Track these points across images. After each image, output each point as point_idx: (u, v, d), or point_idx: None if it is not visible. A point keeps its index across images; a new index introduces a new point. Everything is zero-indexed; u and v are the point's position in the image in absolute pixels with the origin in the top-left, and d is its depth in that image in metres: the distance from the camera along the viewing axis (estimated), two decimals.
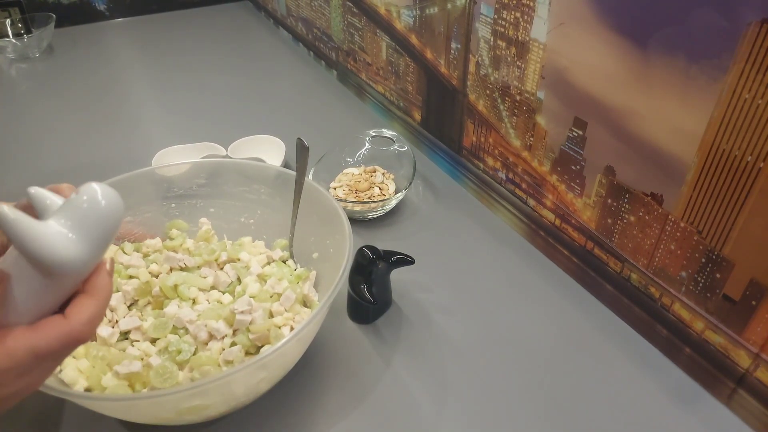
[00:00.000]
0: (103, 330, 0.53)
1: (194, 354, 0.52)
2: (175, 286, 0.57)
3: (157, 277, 0.59)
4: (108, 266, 0.36)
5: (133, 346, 0.54)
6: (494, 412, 0.55)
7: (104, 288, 0.34)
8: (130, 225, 0.64)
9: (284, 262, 0.65)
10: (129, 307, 0.58)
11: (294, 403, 0.56)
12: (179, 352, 0.52)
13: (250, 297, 0.56)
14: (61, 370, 0.49)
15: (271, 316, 0.56)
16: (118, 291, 0.57)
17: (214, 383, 0.43)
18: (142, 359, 0.52)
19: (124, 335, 0.55)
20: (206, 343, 0.54)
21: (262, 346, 0.54)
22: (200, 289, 0.59)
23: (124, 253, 0.61)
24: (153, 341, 0.54)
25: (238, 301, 0.54)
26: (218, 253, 0.62)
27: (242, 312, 0.53)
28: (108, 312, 0.56)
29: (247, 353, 0.54)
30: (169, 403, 0.45)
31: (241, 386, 0.49)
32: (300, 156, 0.64)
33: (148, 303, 0.58)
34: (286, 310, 0.56)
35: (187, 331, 0.54)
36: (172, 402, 0.45)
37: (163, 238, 0.64)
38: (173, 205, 0.67)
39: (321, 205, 0.62)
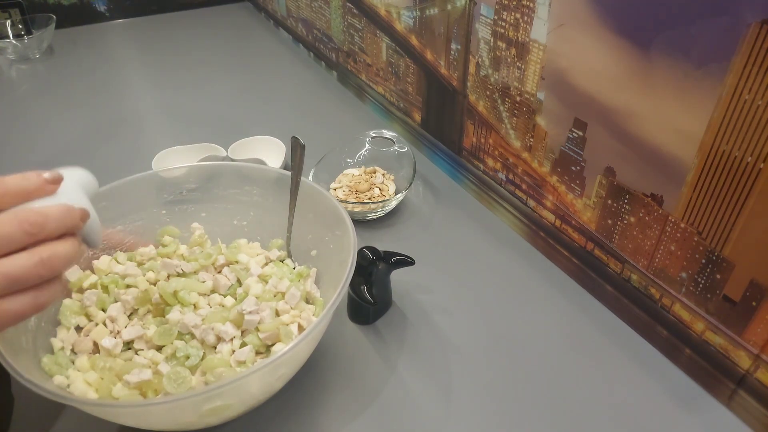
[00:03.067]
0: (107, 341, 0.53)
1: (203, 358, 0.52)
2: (175, 293, 0.57)
3: (155, 284, 0.59)
4: None
5: (138, 354, 0.54)
6: (495, 412, 0.55)
7: None
8: (122, 234, 0.63)
9: (282, 262, 0.65)
10: (129, 317, 0.58)
11: (297, 406, 0.56)
12: (188, 357, 0.52)
13: (255, 297, 0.56)
14: (69, 385, 0.49)
15: (278, 314, 0.56)
16: (116, 301, 0.57)
17: (240, 381, 0.43)
18: (150, 367, 0.51)
19: (128, 345, 0.55)
20: (214, 347, 0.54)
21: (271, 345, 0.54)
22: (200, 294, 0.59)
23: (118, 262, 0.61)
24: (158, 349, 0.54)
25: (244, 302, 0.54)
26: (215, 257, 0.62)
27: (250, 312, 0.53)
28: (109, 323, 0.56)
29: (257, 353, 0.54)
30: (194, 405, 0.45)
31: (263, 384, 0.49)
32: (295, 154, 0.64)
33: (148, 311, 0.58)
34: (292, 308, 0.57)
35: (192, 336, 0.54)
36: (197, 403, 0.45)
37: (155, 245, 0.64)
38: (164, 211, 0.67)
39: (321, 206, 0.62)
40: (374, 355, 0.61)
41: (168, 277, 0.60)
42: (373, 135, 0.88)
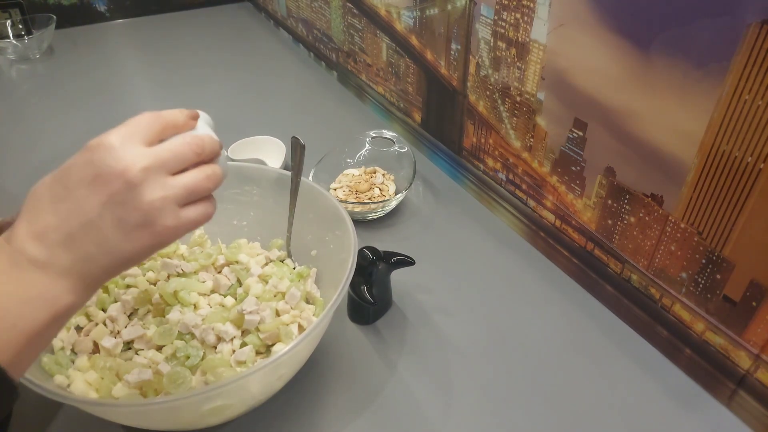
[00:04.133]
0: (107, 341, 0.53)
1: (203, 358, 0.52)
2: (175, 293, 0.57)
3: (155, 284, 0.59)
4: None
5: (138, 354, 0.54)
6: (495, 412, 0.55)
7: None
8: None
9: (282, 262, 0.65)
10: (129, 317, 0.58)
11: (297, 406, 0.56)
12: (188, 357, 0.52)
13: (255, 297, 0.56)
14: (69, 385, 0.49)
15: (278, 314, 0.56)
16: (116, 302, 0.57)
17: (240, 381, 0.43)
18: (150, 367, 0.51)
19: (128, 345, 0.55)
20: (214, 347, 0.54)
21: (272, 345, 0.54)
22: (200, 294, 0.59)
23: None
24: (158, 348, 0.54)
25: (245, 302, 0.54)
26: (215, 257, 0.62)
27: (250, 312, 0.53)
28: (109, 323, 0.56)
29: (258, 353, 0.54)
30: (194, 405, 0.45)
31: (263, 384, 0.49)
32: (295, 154, 0.64)
33: (149, 311, 0.58)
34: (292, 308, 0.57)
35: (193, 336, 0.54)
36: (197, 403, 0.45)
37: None
38: None
39: (321, 206, 0.62)
40: (374, 355, 0.61)
41: (168, 277, 0.60)
42: (373, 135, 0.88)
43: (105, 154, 0.36)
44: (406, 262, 0.63)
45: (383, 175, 0.86)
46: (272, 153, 0.91)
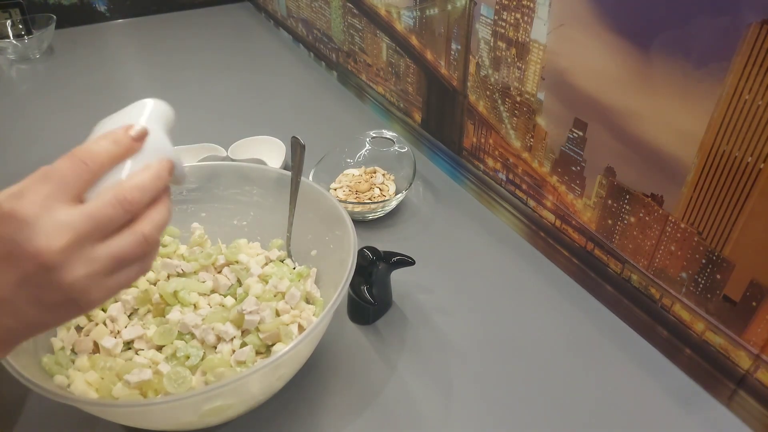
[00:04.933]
0: (107, 341, 0.53)
1: (203, 358, 0.52)
2: (175, 293, 0.57)
3: (155, 284, 0.59)
4: None
5: (138, 354, 0.54)
6: (495, 412, 0.55)
7: None
8: None
9: (282, 262, 0.65)
10: (129, 317, 0.58)
11: (297, 406, 0.56)
12: (188, 357, 0.52)
13: (255, 297, 0.56)
14: (69, 385, 0.49)
15: (278, 314, 0.56)
16: (117, 301, 0.57)
17: (240, 381, 0.43)
18: (150, 367, 0.51)
19: (128, 345, 0.55)
20: (214, 347, 0.54)
21: (272, 345, 0.54)
22: (200, 294, 0.59)
23: None
24: (158, 348, 0.54)
25: (245, 302, 0.54)
26: (215, 257, 0.62)
27: (250, 312, 0.53)
28: (109, 323, 0.56)
29: (258, 353, 0.54)
30: (194, 405, 0.45)
31: (263, 384, 0.49)
32: (295, 154, 0.64)
33: (149, 311, 0.58)
34: (292, 308, 0.57)
35: (193, 336, 0.54)
36: (197, 403, 0.45)
37: None
38: None
39: (321, 206, 0.62)
40: (374, 355, 0.61)
41: (168, 277, 0.60)
42: (374, 135, 0.88)
43: (16, 230, 0.32)
44: (406, 262, 0.63)
45: (383, 175, 0.86)
46: (272, 153, 0.91)
